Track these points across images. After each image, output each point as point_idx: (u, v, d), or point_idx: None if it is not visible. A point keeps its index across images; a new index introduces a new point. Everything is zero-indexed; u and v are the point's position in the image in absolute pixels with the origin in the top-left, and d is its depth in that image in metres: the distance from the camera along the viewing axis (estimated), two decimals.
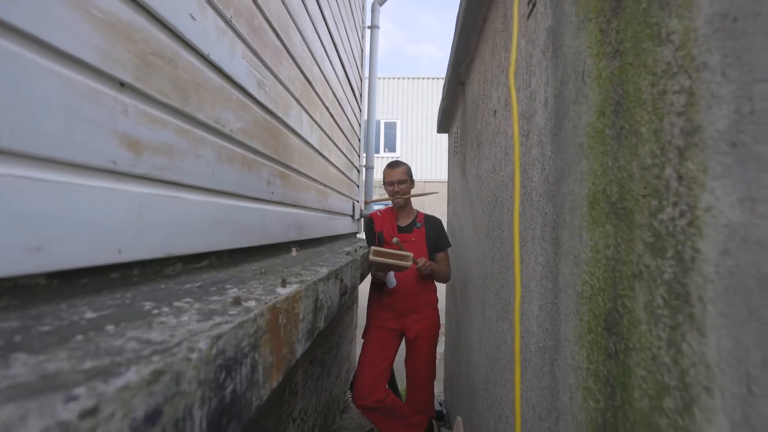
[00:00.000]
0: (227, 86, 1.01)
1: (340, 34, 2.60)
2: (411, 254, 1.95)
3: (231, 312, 0.60)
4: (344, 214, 2.92)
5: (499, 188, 1.42)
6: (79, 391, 0.32)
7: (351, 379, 3.63)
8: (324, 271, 1.16)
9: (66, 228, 0.54)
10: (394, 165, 2.37)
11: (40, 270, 0.51)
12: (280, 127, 1.43)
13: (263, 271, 1.06)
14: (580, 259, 0.71)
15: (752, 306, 0.35)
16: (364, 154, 4.11)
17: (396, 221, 2.40)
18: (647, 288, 0.51)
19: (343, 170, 2.83)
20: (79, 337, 0.44)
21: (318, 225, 2.07)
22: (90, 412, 0.30)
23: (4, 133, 0.46)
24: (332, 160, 2.43)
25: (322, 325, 1.07)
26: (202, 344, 0.47)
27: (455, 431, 2.21)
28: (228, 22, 1.01)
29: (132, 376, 0.36)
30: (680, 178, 0.45)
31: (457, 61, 2.35)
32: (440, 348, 5.01)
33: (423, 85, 15.01)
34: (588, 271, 0.68)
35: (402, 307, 2.28)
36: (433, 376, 2.35)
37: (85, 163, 0.58)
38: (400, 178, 2.31)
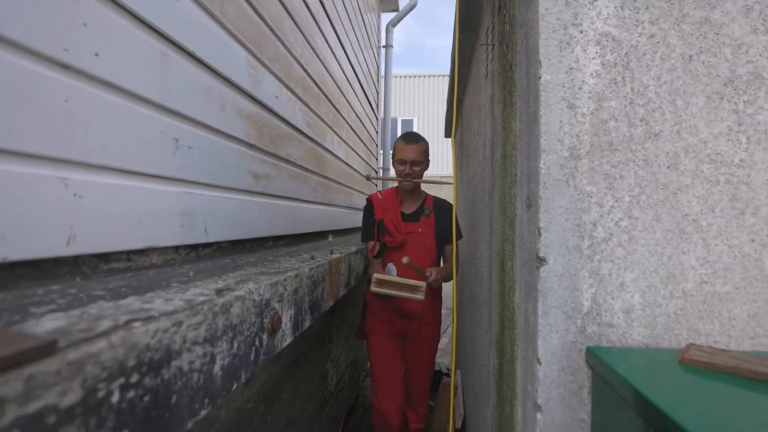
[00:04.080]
0: (293, 132, 1.61)
1: (359, 62, 3.18)
2: (424, 284, 1.64)
3: (311, 261, 1.20)
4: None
5: (475, 192, 1.99)
6: (278, 274, 0.92)
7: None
8: (353, 248, 1.76)
9: (237, 219, 1.16)
10: (410, 139, 1.90)
11: (228, 239, 1.12)
12: (320, 150, 2.03)
13: (316, 247, 1.67)
14: (497, 235, 1.29)
15: (522, 246, 0.92)
16: (381, 152, 4.71)
17: (400, 207, 1.96)
18: (509, 244, 1.08)
19: (362, 173, 3.42)
20: (258, 263, 1.04)
21: (345, 218, 2.68)
22: (285, 279, 0.90)
23: (221, 178, 1.07)
24: (355, 166, 3.02)
25: (353, 282, 1.67)
26: (306, 269, 1.07)
27: (455, 380, 2.80)
28: (292, 91, 1.61)
29: (290, 273, 0.96)
30: (513, 195, 1.02)
31: (454, 84, 2.91)
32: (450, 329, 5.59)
33: (439, 82, 15.47)
34: (498, 240, 1.25)
35: (406, 310, 1.94)
36: (429, 387, 2.14)
37: (242, 188, 1.19)
38: (415, 157, 1.87)
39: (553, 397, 0.73)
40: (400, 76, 15.27)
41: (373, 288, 1.64)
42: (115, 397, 0.42)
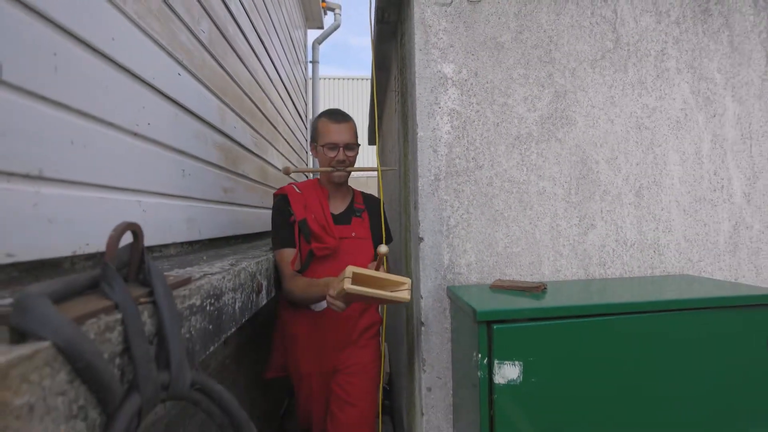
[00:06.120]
0: (246, 153, 2.04)
1: (291, 82, 3.61)
2: (408, 281, 1.22)
3: (267, 254, 1.66)
4: None
5: (392, 195, 2.54)
6: (255, 258, 1.37)
7: None
8: None
9: (215, 222, 1.58)
10: (339, 117, 1.54)
11: (210, 237, 1.55)
12: (264, 163, 2.46)
13: (266, 243, 2.10)
14: (403, 226, 1.83)
15: (413, 232, 1.47)
16: (310, 154, 5.14)
17: (327, 204, 1.57)
18: (408, 232, 1.63)
19: (296, 180, 3.85)
20: (236, 253, 1.48)
21: None
22: (261, 261, 1.36)
23: (206, 193, 1.49)
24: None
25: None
26: (271, 256, 1.52)
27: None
28: (244, 120, 2.03)
29: (263, 258, 1.41)
30: (409, 200, 1.57)
31: (374, 105, 3.45)
32: None
33: (362, 85, 16.10)
34: (404, 229, 1.80)
35: (335, 339, 1.56)
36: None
37: (217, 199, 1.61)
38: (349, 139, 1.53)
39: (431, 316, 1.29)
40: (325, 78, 15.62)
41: (348, 287, 1.15)
42: (208, 308, 0.88)
